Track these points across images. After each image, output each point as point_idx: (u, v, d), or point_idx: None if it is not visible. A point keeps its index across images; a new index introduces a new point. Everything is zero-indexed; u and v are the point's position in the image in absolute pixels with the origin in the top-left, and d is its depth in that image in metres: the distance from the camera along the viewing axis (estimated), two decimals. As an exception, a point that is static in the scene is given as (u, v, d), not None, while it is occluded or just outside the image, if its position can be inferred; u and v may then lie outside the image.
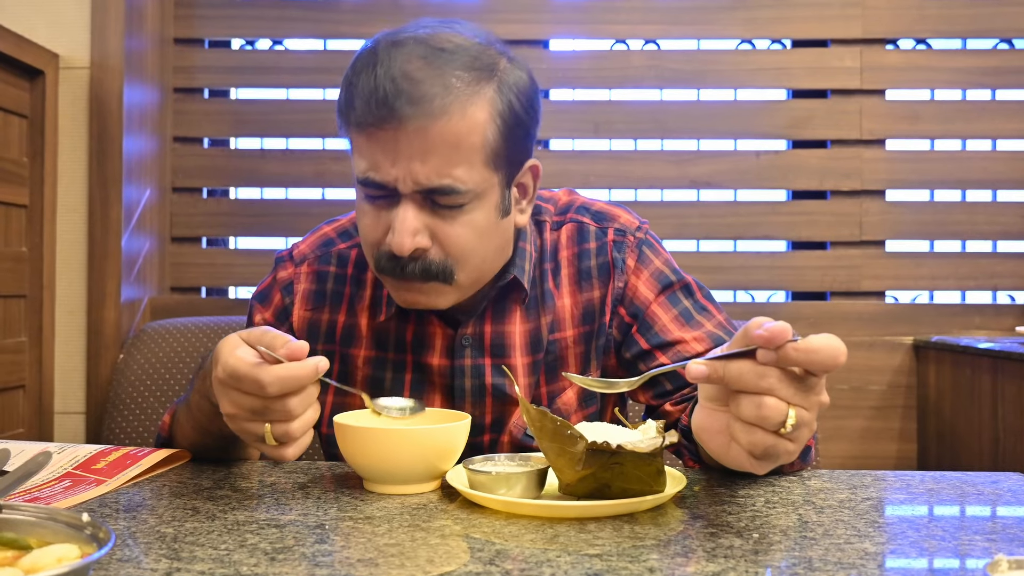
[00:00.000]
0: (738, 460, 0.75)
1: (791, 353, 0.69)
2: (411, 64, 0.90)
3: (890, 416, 2.09)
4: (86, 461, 0.90)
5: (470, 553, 0.65)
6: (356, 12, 2.18)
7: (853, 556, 0.65)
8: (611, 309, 1.09)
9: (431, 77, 0.90)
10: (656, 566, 0.62)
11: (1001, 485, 0.89)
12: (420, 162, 0.91)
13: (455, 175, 0.92)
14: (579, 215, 1.12)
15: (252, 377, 0.78)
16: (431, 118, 0.89)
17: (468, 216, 0.95)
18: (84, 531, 0.57)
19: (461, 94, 0.91)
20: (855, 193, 2.15)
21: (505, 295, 1.08)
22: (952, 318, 2.11)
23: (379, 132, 0.90)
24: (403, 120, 0.89)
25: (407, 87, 0.89)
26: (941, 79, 2.16)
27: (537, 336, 1.09)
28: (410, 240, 0.93)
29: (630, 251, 1.10)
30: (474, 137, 0.92)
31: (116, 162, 1.96)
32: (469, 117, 0.91)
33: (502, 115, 0.94)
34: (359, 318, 1.09)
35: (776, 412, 0.69)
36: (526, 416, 0.79)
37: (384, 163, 0.92)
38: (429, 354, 1.08)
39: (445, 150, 0.91)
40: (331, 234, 1.14)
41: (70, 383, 1.97)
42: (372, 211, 0.96)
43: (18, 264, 1.84)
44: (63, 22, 1.96)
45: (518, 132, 0.96)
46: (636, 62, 2.18)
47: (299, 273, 1.11)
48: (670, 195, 2.18)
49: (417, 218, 0.93)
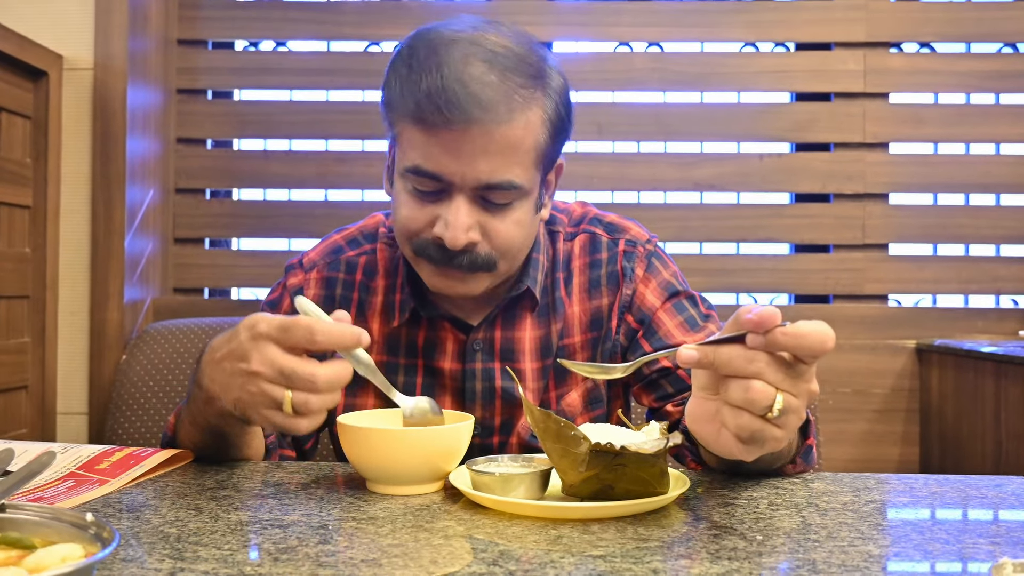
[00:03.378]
0: (727, 446, 0.74)
1: (779, 337, 0.69)
2: (476, 68, 0.94)
3: (893, 420, 2.09)
4: (89, 461, 0.90)
5: (473, 554, 0.65)
6: (359, 13, 2.19)
7: (857, 559, 0.65)
8: (618, 316, 1.13)
9: (496, 83, 0.94)
10: (659, 568, 0.62)
11: (1005, 488, 0.89)
12: (483, 161, 0.95)
13: (514, 173, 0.97)
14: (592, 226, 1.16)
15: (305, 324, 0.79)
16: (497, 123, 0.94)
17: (514, 213, 1.00)
18: (88, 531, 0.57)
19: (522, 100, 0.96)
20: (858, 196, 2.15)
21: (516, 302, 1.11)
22: (955, 322, 2.11)
23: (444, 131, 0.94)
24: (471, 123, 0.93)
25: (476, 91, 0.93)
26: (945, 83, 2.16)
27: (547, 342, 1.12)
28: (464, 236, 0.97)
29: (639, 261, 1.14)
30: (529, 140, 0.97)
31: (119, 163, 1.96)
32: (528, 122, 0.97)
33: (551, 119, 0.99)
34: (370, 323, 1.12)
35: (763, 396, 0.69)
36: (530, 418, 0.79)
37: (444, 158, 0.95)
38: (441, 358, 1.11)
39: (507, 151, 0.96)
40: (340, 242, 1.17)
41: (73, 384, 1.97)
42: (416, 202, 0.99)
43: (21, 265, 1.84)
44: (67, 23, 1.96)
45: (560, 135, 1.02)
46: (639, 64, 2.18)
47: (308, 279, 1.14)
48: (673, 197, 2.18)
49: (470, 214, 0.97)
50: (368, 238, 1.17)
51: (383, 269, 1.14)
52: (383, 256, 1.14)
